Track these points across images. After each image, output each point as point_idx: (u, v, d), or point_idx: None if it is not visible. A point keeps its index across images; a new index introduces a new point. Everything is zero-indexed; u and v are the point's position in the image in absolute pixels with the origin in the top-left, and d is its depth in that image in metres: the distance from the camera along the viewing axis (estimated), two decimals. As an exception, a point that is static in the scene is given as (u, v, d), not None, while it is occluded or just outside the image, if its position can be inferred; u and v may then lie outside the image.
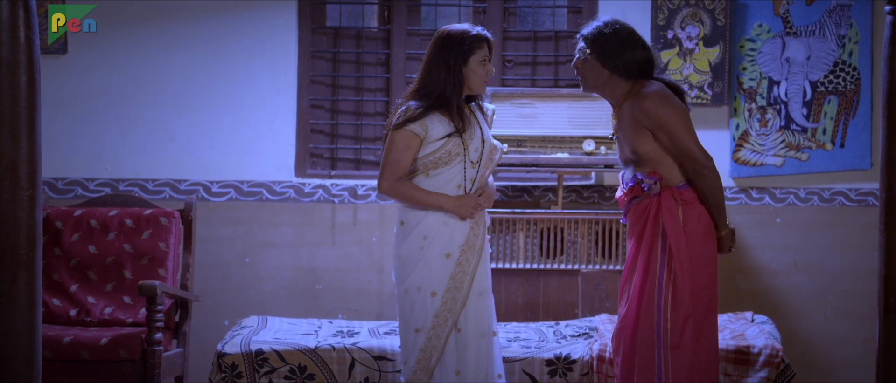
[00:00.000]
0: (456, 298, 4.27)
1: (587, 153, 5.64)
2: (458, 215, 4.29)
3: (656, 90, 4.09)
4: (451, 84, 4.25)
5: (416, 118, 4.25)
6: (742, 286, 5.91)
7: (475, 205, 4.30)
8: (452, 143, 4.26)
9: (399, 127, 4.26)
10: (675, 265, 4.08)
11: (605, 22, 4.18)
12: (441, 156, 4.27)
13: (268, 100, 5.89)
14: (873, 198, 5.86)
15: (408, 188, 4.29)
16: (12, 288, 3.16)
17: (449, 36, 4.29)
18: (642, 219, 4.14)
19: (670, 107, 4.06)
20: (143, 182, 5.86)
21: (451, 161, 4.28)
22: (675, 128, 4.05)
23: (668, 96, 4.09)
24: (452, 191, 4.30)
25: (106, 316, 5.24)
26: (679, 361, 4.08)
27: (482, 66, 4.28)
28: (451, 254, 4.29)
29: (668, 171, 4.12)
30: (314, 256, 5.90)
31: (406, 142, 4.26)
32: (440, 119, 4.26)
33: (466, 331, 4.29)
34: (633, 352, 4.13)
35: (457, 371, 4.29)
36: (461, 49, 4.25)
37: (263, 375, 4.82)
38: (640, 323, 4.10)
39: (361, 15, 6.02)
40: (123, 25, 5.82)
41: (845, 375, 5.90)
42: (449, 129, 4.26)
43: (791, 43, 5.86)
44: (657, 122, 4.05)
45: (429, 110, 4.26)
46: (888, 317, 3.45)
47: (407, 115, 4.26)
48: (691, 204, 4.11)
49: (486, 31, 4.32)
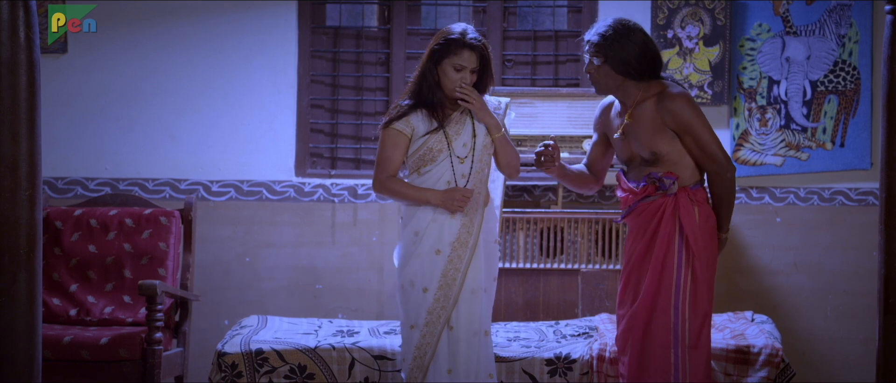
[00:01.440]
0: (448, 295, 4.28)
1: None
2: (445, 209, 4.30)
3: (682, 92, 4.17)
4: (426, 81, 4.30)
5: (401, 116, 4.32)
6: (742, 285, 5.91)
7: (462, 197, 4.29)
8: (434, 140, 4.30)
9: (386, 125, 4.34)
10: (696, 264, 4.11)
11: (611, 26, 4.17)
12: (425, 152, 4.31)
13: (268, 100, 5.89)
14: (873, 198, 5.86)
15: (397, 185, 4.34)
16: (12, 287, 3.16)
17: (440, 33, 4.33)
18: (655, 217, 4.16)
19: (697, 111, 4.16)
20: (143, 181, 5.86)
21: (436, 157, 4.31)
22: (701, 132, 4.14)
23: (692, 99, 4.18)
24: (442, 188, 4.33)
25: (106, 315, 5.24)
26: (696, 361, 4.12)
27: (455, 71, 4.27)
28: (441, 251, 4.30)
29: (684, 172, 4.17)
30: (314, 256, 5.90)
31: (393, 139, 4.33)
32: (423, 115, 4.32)
33: (458, 329, 4.30)
34: (644, 353, 4.14)
35: (449, 369, 4.30)
36: (438, 47, 4.29)
37: (263, 375, 4.82)
38: (654, 323, 4.12)
39: (361, 14, 6.02)
40: (123, 25, 5.82)
41: (845, 375, 5.90)
42: (430, 126, 4.30)
43: (791, 42, 5.86)
44: (683, 124, 4.13)
45: (413, 107, 4.32)
46: (888, 317, 3.45)
47: (391, 114, 4.34)
48: (703, 204, 4.18)
49: (477, 39, 4.28)
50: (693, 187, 4.18)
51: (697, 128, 4.13)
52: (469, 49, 4.25)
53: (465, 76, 4.27)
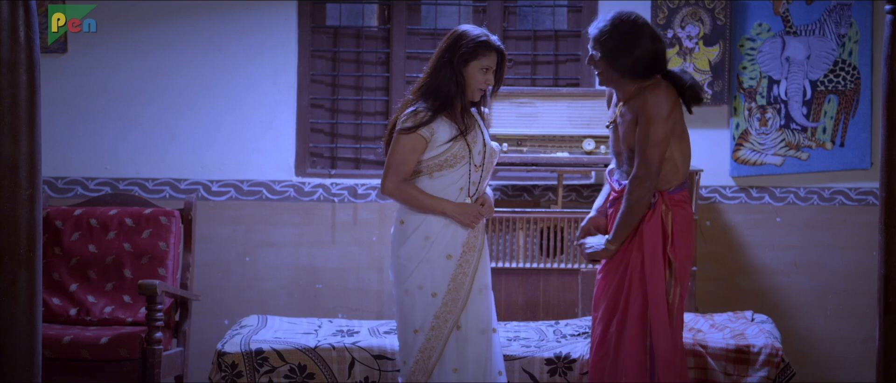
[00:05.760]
0: (457, 299, 4.28)
1: (587, 152, 5.64)
2: (459, 223, 4.30)
3: (662, 90, 4.11)
4: (454, 84, 4.25)
5: (426, 122, 4.24)
6: (742, 285, 5.91)
7: (476, 214, 4.30)
8: (458, 146, 4.26)
9: (408, 131, 4.24)
10: (677, 269, 4.12)
11: (611, 20, 4.16)
12: (447, 158, 4.27)
13: (268, 100, 5.89)
14: (873, 198, 5.86)
15: (413, 190, 4.28)
16: (12, 287, 3.16)
17: (461, 36, 4.28)
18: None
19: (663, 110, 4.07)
20: (143, 181, 5.86)
21: (457, 163, 4.28)
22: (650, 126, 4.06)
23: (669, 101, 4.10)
24: (454, 194, 4.30)
25: (106, 315, 5.24)
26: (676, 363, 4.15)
27: (482, 73, 4.27)
28: (453, 256, 4.29)
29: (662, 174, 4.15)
30: (314, 255, 5.91)
31: (413, 144, 4.25)
32: (446, 122, 4.27)
33: (466, 328, 4.30)
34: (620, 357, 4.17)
35: (455, 368, 4.29)
36: (466, 50, 4.24)
37: (263, 374, 4.82)
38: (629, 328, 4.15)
39: (361, 14, 6.02)
40: (123, 25, 5.82)
41: (845, 375, 5.90)
42: (454, 132, 4.26)
43: (791, 42, 5.86)
44: (643, 112, 4.08)
45: (436, 113, 4.25)
46: (888, 317, 3.45)
47: (416, 119, 4.24)
48: (680, 206, 4.18)
49: (500, 43, 4.31)
50: (671, 191, 4.16)
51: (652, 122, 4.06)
52: (496, 51, 4.28)
53: (489, 78, 4.28)
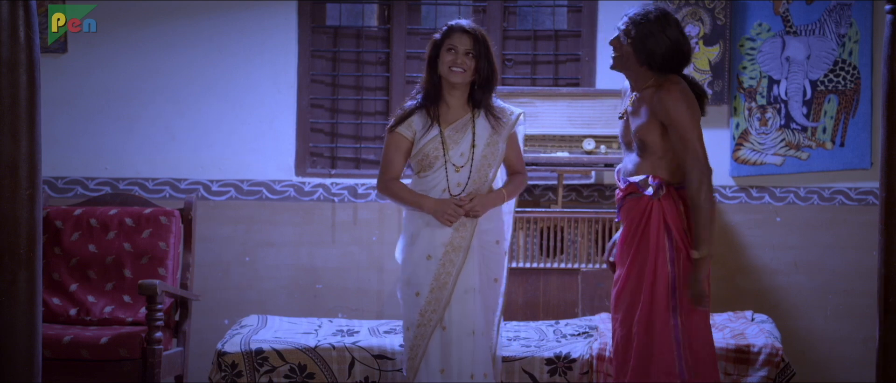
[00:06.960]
0: (440, 298, 4.32)
1: (587, 152, 5.64)
2: (436, 219, 4.32)
3: (680, 87, 4.10)
4: (430, 81, 4.36)
5: (403, 119, 4.37)
6: (742, 285, 5.91)
7: (454, 211, 4.31)
8: (430, 147, 4.32)
9: (390, 129, 4.40)
10: (683, 263, 4.09)
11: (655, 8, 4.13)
12: (422, 158, 4.35)
13: (268, 100, 5.89)
14: (873, 198, 5.86)
15: (397, 188, 4.40)
16: (12, 287, 3.16)
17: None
18: (643, 218, 4.14)
19: (688, 108, 4.07)
20: (143, 181, 5.86)
21: (433, 164, 4.34)
22: (686, 128, 4.05)
23: (689, 97, 4.10)
24: (437, 195, 4.38)
25: (106, 315, 5.24)
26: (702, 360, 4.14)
27: (449, 53, 4.32)
28: (433, 256, 4.33)
29: (667, 168, 4.13)
30: (314, 255, 5.91)
31: (394, 142, 4.39)
32: (422, 115, 4.36)
33: (451, 329, 4.32)
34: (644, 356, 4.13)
35: (441, 369, 4.32)
36: (436, 43, 4.36)
37: (263, 374, 4.82)
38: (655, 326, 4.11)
39: (361, 14, 6.02)
40: (123, 25, 5.82)
41: (845, 374, 5.90)
42: (427, 124, 4.36)
43: (791, 42, 5.86)
44: (671, 117, 4.06)
45: (415, 108, 4.37)
46: (888, 317, 3.45)
47: (396, 117, 4.41)
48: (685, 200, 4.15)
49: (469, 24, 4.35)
50: (678, 187, 4.15)
51: (683, 123, 4.05)
52: (459, 31, 4.32)
53: (457, 58, 4.30)
